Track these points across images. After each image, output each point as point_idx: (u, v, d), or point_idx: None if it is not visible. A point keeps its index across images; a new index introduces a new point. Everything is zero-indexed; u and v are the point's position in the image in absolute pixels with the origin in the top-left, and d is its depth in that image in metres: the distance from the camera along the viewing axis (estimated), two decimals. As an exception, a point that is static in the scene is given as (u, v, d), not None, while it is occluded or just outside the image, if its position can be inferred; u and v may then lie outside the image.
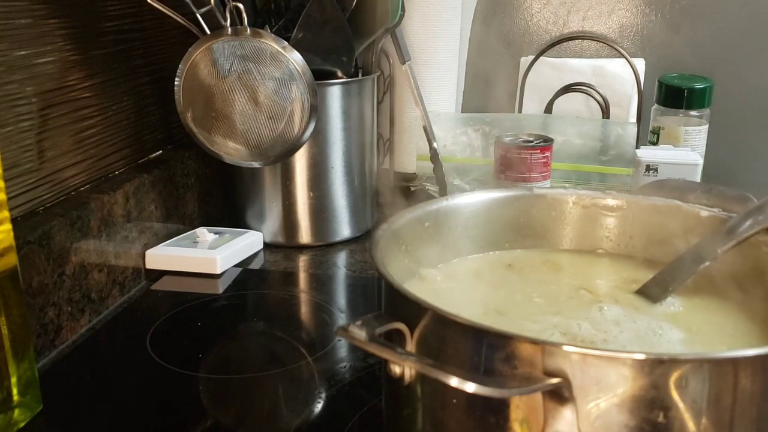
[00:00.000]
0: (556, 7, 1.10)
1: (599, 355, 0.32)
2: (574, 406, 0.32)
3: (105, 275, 0.70)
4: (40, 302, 0.61)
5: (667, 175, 0.86)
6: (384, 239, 0.45)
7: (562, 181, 0.96)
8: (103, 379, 0.59)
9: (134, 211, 0.76)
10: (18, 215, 0.63)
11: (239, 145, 0.74)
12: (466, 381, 0.31)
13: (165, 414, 0.55)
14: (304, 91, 0.72)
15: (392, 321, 0.37)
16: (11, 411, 0.50)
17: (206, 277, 0.77)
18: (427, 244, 0.50)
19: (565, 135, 0.97)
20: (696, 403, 0.32)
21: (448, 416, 0.37)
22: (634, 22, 1.08)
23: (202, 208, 0.92)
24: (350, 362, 0.60)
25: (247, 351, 0.65)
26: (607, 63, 1.06)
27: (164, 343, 0.64)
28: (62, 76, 0.69)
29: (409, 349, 0.37)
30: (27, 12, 0.64)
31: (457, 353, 0.35)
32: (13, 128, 0.63)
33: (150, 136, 0.85)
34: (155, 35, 0.85)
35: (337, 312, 0.71)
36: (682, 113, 0.98)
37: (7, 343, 0.49)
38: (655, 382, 0.31)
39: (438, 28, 1.01)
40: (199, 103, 0.73)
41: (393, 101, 1.02)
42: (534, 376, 0.32)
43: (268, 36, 0.71)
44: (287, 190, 0.84)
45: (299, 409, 0.55)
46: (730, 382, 0.32)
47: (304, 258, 0.84)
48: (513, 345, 0.33)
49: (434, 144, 0.93)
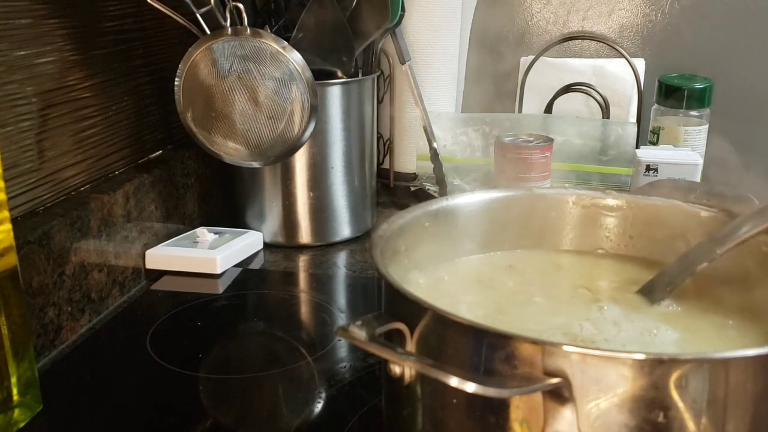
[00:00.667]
0: (556, 7, 1.10)
1: (599, 355, 0.32)
2: (574, 406, 0.32)
3: (105, 275, 0.70)
4: (40, 302, 0.61)
5: (667, 175, 0.86)
6: (384, 239, 0.45)
7: (562, 181, 0.97)
8: (103, 379, 0.59)
9: (134, 211, 0.76)
10: (18, 215, 0.63)
11: (239, 145, 0.74)
12: (466, 381, 0.31)
13: (165, 414, 0.55)
14: (304, 91, 0.72)
15: (392, 321, 0.37)
16: (11, 411, 0.50)
17: (206, 277, 0.77)
18: (428, 244, 0.50)
19: (565, 135, 0.97)
20: (696, 403, 0.32)
21: (448, 416, 0.37)
22: (634, 22, 1.08)
23: (202, 208, 0.92)
24: (350, 362, 0.60)
25: (247, 351, 0.65)
26: (607, 63, 1.06)
27: (164, 343, 0.64)
28: (62, 76, 0.69)
29: (409, 349, 0.37)
30: (27, 12, 0.64)
31: (457, 353, 0.35)
32: (13, 128, 0.63)
33: (150, 136, 0.85)
34: (155, 35, 0.85)
35: (337, 312, 0.71)
36: (682, 113, 0.98)
37: (7, 343, 0.49)
38: (655, 382, 0.31)
39: (438, 28, 1.01)
40: (199, 103, 0.73)
41: (393, 101, 1.02)
42: (534, 376, 0.32)
43: (268, 36, 0.71)
44: (287, 190, 0.84)
45: (299, 409, 0.55)
46: (730, 382, 0.32)
47: (304, 258, 0.84)
48: (513, 345, 0.33)
49: (434, 144, 0.93)
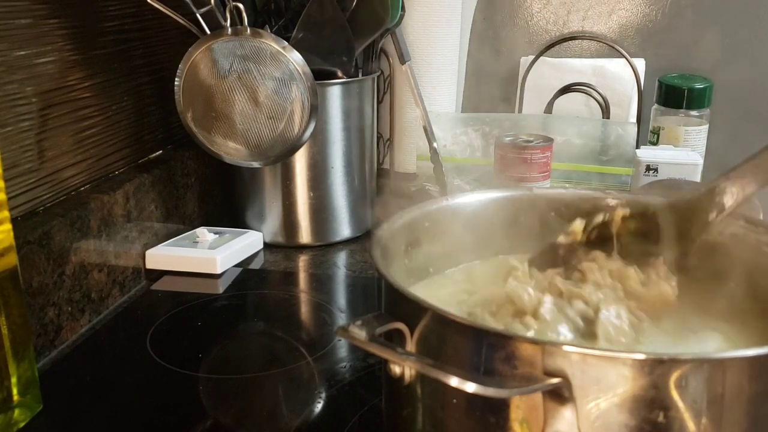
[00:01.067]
0: (556, 7, 1.10)
1: (599, 355, 0.32)
2: (574, 406, 0.32)
3: (105, 275, 0.70)
4: (40, 302, 0.61)
5: (667, 174, 0.86)
6: (384, 239, 0.45)
7: (562, 181, 0.96)
8: (103, 379, 0.59)
9: (134, 211, 0.76)
10: (18, 215, 0.63)
11: (239, 145, 0.74)
12: (466, 381, 0.31)
13: (165, 414, 0.55)
14: (304, 91, 0.72)
15: (392, 321, 0.37)
16: (11, 411, 0.51)
17: (206, 277, 0.77)
18: (428, 244, 0.50)
19: (565, 135, 0.97)
20: (696, 403, 0.32)
21: (448, 416, 0.37)
22: (634, 22, 1.08)
23: (202, 208, 0.92)
24: (350, 362, 0.60)
25: (247, 351, 0.65)
26: (607, 63, 1.06)
27: (164, 343, 0.64)
28: (62, 76, 0.69)
29: (409, 349, 0.37)
30: (27, 12, 0.64)
31: (456, 353, 0.35)
32: (13, 128, 0.63)
33: (150, 136, 0.85)
34: (155, 35, 0.85)
35: (337, 312, 0.71)
36: (682, 113, 0.98)
37: (7, 343, 0.49)
38: (655, 382, 0.31)
39: (438, 28, 1.00)
40: (199, 103, 0.73)
41: (393, 101, 1.02)
42: (534, 376, 0.32)
43: (268, 36, 0.71)
44: (287, 190, 0.84)
45: (299, 409, 0.55)
46: (730, 383, 0.32)
47: (304, 258, 0.84)
48: (513, 345, 0.33)
49: (434, 144, 0.93)
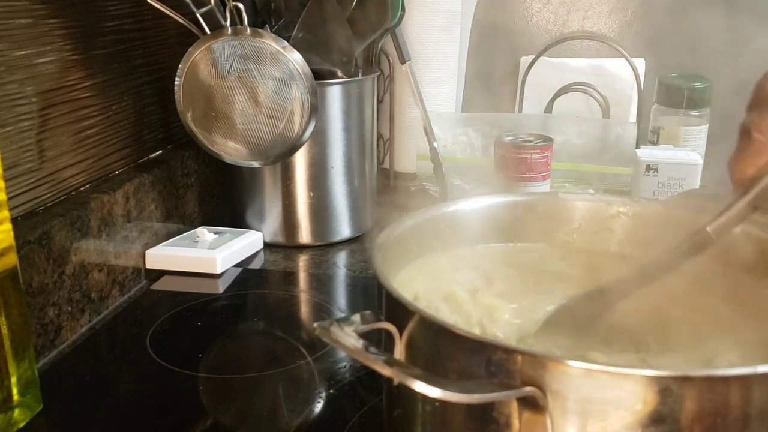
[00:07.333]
0: (556, 7, 1.10)
1: (576, 366, 0.31)
2: (549, 416, 0.32)
3: (105, 275, 0.70)
4: (40, 302, 0.61)
5: (667, 174, 0.86)
6: (384, 240, 0.45)
7: (562, 181, 0.97)
8: (103, 379, 0.59)
9: (134, 211, 0.76)
10: (18, 215, 0.63)
11: (239, 145, 0.74)
12: (430, 386, 0.30)
13: (165, 414, 0.55)
14: (304, 91, 0.72)
15: (377, 321, 0.37)
16: (11, 411, 0.50)
17: (206, 277, 0.77)
18: (429, 248, 0.50)
19: (565, 135, 0.97)
20: (674, 419, 0.31)
21: (448, 416, 0.37)
22: (634, 22, 1.08)
23: (202, 208, 0.92)
24: (350, 362, 0.60)
25: (247, 351, 0.65)
26: (607, 63, 1.06)
27: (164, 343, 0.64)
28: (62, 76, 0.69)
29: (399, 351, 0.37)
30: (27, 12, 0.64)
31: (441, 357, 0.35)
32: (13, 128, 0.63)
33: (150, 136, 0.85)
34: (155, 35, 0.85)
35: (337, 312, 0.71)
36: (682, 113, 0.98)
37: (7, 343, 0.49)
38: (634, 395, 0.30)
39: (438, 28, 1.01)
40: (199, 103, 0.73)
41: (393, 101, 1.02)
42: (510, 383, 0.32)
43: (268, 36, 0.71)
44: (287, 190, 0.84)
45: (299, 409, 0.55)
46: (709, 399, 0.31)
47: (304, 258, 0.84)
48: (489, 351, 0.33)
49: (434, 144, 0.93)
